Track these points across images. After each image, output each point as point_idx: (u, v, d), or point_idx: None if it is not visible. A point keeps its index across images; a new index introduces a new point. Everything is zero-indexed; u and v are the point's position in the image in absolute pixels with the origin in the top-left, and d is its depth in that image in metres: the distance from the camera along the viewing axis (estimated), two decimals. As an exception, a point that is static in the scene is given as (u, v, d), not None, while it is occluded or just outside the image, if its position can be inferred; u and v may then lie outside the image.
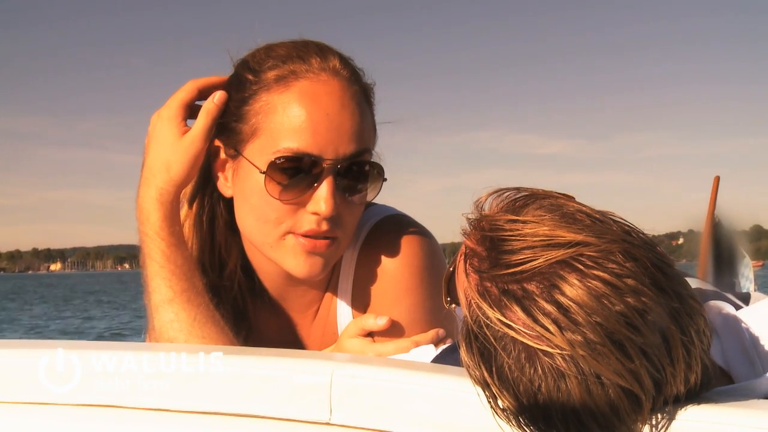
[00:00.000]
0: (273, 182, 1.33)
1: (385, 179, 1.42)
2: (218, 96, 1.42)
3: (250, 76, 1.39)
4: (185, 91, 1.44)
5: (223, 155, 1.43)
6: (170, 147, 1.40)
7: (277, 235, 1.37)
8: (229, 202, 1.48)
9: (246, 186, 1.38)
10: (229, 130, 1.40)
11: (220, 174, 1.45)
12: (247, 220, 1.41)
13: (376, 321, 1.43)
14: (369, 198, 1.42)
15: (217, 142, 1.43)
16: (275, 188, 1.33)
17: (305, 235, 1.36)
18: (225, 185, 1.44)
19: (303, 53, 1.38)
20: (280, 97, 1.34)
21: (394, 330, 1.44)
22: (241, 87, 1.40)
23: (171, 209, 1.42)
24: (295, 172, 1.33)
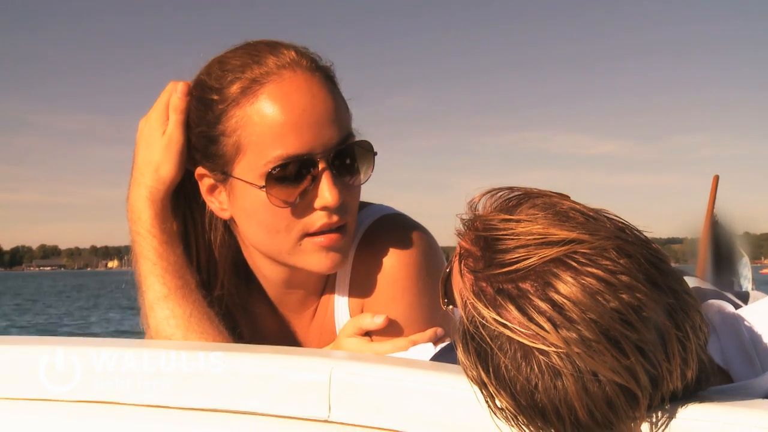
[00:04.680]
0: (275, 193, 1.32)
1: (376, 153, 1.40)
2: (180, 88, 1.42)
3: (214, 96, 1.36)
4: (167, 92, 1.44)
5: (210, 181, 1.41)
6: (154, 146, 1.42)
7: (293, 241, 1.37)
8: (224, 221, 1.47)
9: (247, 204, 1.37)
10: (210, 155, 1.38)
11: (212, 199, 1.43)
12: (257, 235, 1.40)
13: (373, 320, 1.43)
14: (367, 176, 1.41)
15: (201, 170, 1.41)
16: (278, 198, 1.33)
17: (320, 232, 1.36)
18: (220, 209, 1.43)
19: (257, 57, 1.36)
20: (252, 108, 1.32)
21: (391, 329, 1.44)
22: (207, 109, 1.37)
23: (162, 207, 1.43)
24: (293, 177, 1.32)
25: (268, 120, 1.31)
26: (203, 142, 1.39)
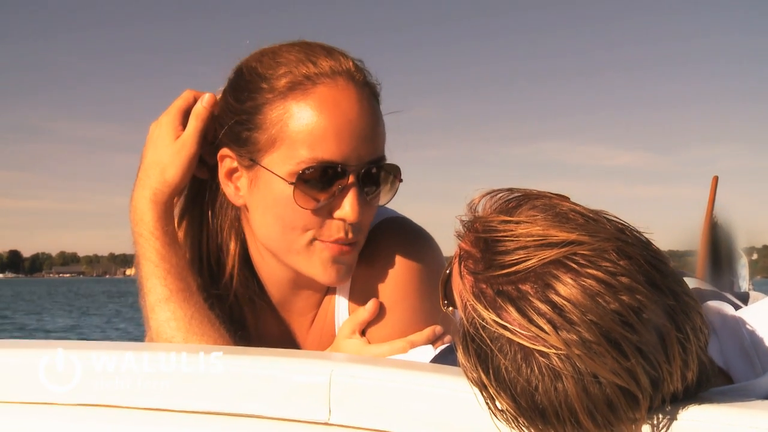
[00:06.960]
0: (301, 192, 1.32)
1: (401, 180, 1.41)
2: (206, 98, 1.43)
3: (262, 84, 1.35)
4: (182, 99, 1.44)
5: (233, 165, 1.41)
6: (164, 150, 1.42)
7: (304, 242, 1.37)
8: (237, 209, 1.47)
9: (268, 195, 1.36)
10: (241, 139, 1.37)
11: (229, 183, 1.42)
12: (271, 228, 1.39)
13: (365, 309, 1.43)
14: (387, 199, 1.42)
15: (226, 152, 1.41)
16: (304, 198, 1.32)
17: (331, 242, 1.36)
18: (236, 195, 1.42)
19: (313, 57, 1.35)
20: (298, 105, 1.32)
21: (392, 332, 1.43)
22: (252, 95, 1.36)
23: (165, 209, 1.43)
24: (321, 181, 1.32)
25: (312, 120, 1.31)
26: (236, 127, 1.38)
